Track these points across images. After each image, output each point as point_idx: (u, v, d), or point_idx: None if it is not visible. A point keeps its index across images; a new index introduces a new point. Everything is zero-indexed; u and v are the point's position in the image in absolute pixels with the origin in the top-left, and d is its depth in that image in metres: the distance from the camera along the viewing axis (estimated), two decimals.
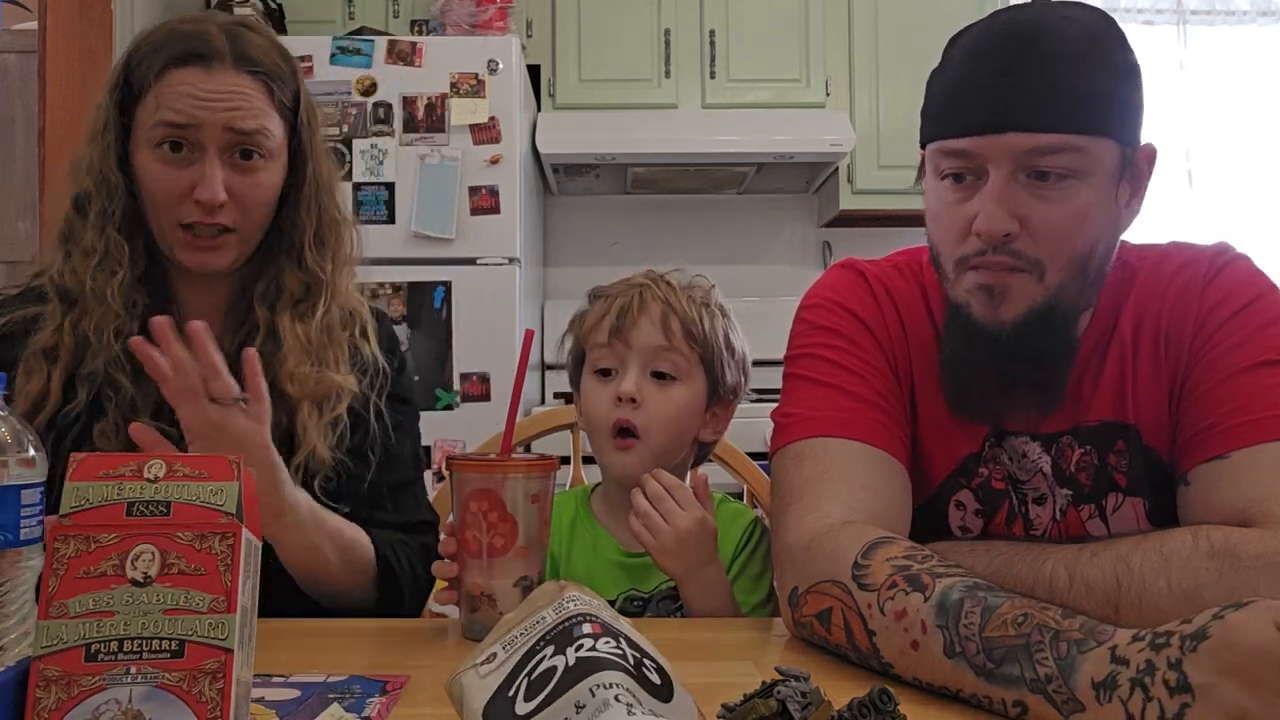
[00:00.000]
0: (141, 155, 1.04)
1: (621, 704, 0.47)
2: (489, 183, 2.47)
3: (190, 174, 1.03)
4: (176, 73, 1.02)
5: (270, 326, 1.09)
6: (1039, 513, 0.97)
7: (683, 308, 1.10)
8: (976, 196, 0.87)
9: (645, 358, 1.08)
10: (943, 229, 0.91)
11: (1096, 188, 0.86)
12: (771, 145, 2.91)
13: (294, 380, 1.06)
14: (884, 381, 0.97)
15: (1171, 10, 3.39)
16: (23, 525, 0.62)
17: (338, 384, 1.08)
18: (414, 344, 2.42)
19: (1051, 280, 0.87)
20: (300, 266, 1.11)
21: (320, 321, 1.10)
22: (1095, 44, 0.85)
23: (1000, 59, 0.85)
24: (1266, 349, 0.88)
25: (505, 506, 0.88)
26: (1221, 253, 0.96)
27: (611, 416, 1.08)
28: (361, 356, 1.13)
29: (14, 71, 2.91)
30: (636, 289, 1.11)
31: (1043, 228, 0.85)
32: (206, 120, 1.02)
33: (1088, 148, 0.84)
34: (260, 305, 1.10)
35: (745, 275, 3.34)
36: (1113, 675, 0.59)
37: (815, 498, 0.89)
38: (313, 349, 1.08)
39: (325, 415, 1.07)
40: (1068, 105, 0.83)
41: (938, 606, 0.71)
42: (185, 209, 1.04)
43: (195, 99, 1.02)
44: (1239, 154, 3.38)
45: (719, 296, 1.16)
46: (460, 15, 2.79)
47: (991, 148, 0.85)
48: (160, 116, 1.02)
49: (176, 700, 0.53)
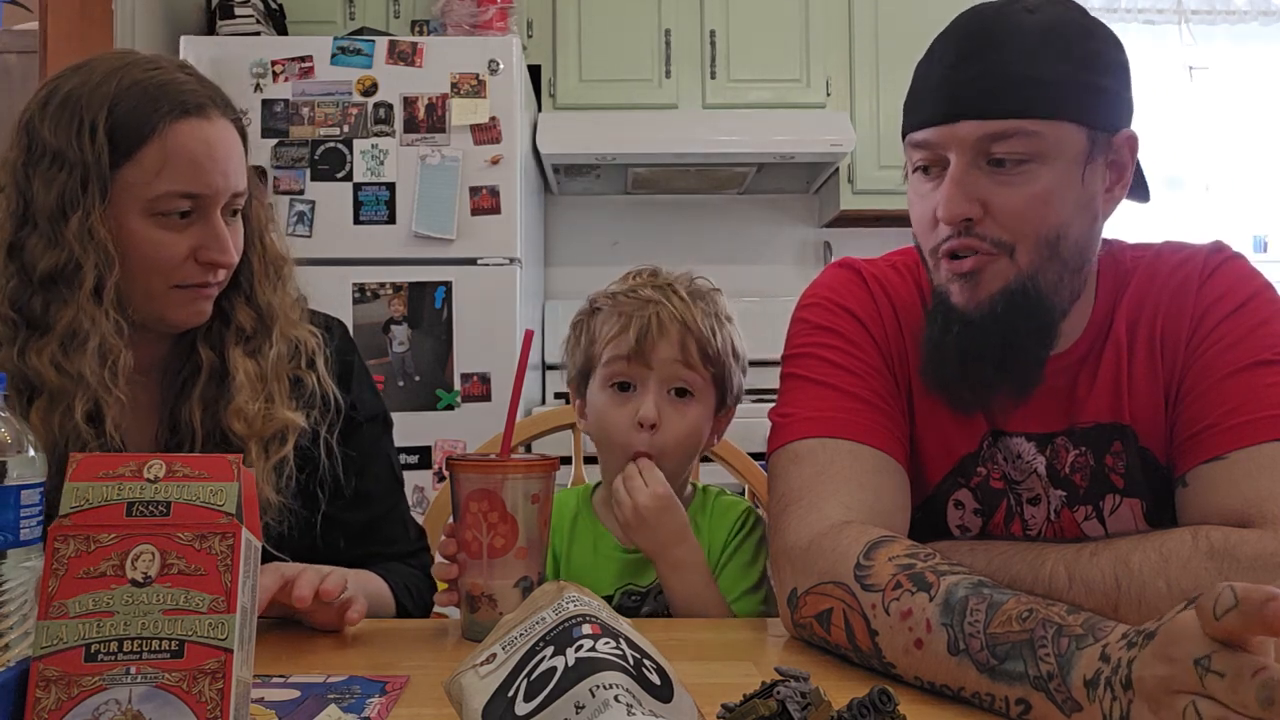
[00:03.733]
0: (132, 221, 0.94)
1: (621, 704, 0.47)
2: (489, 183, 2.47)
3: (189, 236, 0.97)
4: (179, 127, 0.94)
5: (214, 368, 1.03)
6: (1034, 513, 0.97)
7: (699, 327, 1.09)
8: (939, 186, 0.89)
9: (664, 378, 1.09)
10: (916, 219, 0.94)
11: (1060, 170, 0.87)
12: (772, 145, 2.91)
13: (243, 419, 1.00)
14: (882, 381, 0.97)
15: (1172, 10, 3.39)
16: (23, 525, 0.62)
17: (287, 421, 1.02)
18: (414, 344, 2.42)
19: (1023, 260, 0.88)
20: (250, 302, 1.06)
21: (270, 358, 1.04)
22: (1054, 34, 0.86)
23: (955, 51, 0.88)
24: (1262, 348, 0.88)
25: (505, 507, 0.88)
26: (1216, 252, 0.96)
27: (630, 441, 1.09)
28: (307, 389, 1.07)
29: (15, 72, 2.92)
30: (652, 307, 1.09)
31: (1004, 211, 0.87)
32: (217, 188, 0.96)
33: (1042, 131, 0.85)
34: (203, 345, 1.03)
35: (745, 275, 3.34)
36: (1098, 674, 0.59)
37: (814, 499, 0.89)
38: (262, 387, 1.03)
39: (272, 456, 1.01)
40: (1019, 91, 0.85)
41: (943, 605, 0.71)
42: (185, 271, 0.97)
43: (209, 159, 0.96)
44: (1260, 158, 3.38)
45: (724, 302, 1.17)
46: (461, 15, 2.79)
47: (948, 137, 0.87)
48: (173, 186, 0.94)
49: (176, 700, 0.53)
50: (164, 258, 0.96)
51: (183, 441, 1.01)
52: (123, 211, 0.95)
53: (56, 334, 0.93)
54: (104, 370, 0.93)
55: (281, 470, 1.02)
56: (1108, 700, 0.57)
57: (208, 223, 0.97)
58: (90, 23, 2.56)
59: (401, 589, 1.09)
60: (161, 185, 0.94)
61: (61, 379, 0.92)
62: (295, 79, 2.45)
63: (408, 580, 1.11)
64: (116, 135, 0.93)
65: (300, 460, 1.05)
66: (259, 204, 1.08)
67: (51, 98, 0.96)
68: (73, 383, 0.92)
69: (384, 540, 1.16)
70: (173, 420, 1.03)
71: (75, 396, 0.92)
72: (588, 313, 1.16)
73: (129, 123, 0.93)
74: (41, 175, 0.94)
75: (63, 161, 0.93)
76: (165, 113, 0.94)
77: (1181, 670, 0.52)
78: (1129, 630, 0.59)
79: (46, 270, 0.93)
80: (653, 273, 1.17)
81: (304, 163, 2.44)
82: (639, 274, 1.17)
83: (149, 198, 0.94)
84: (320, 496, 1.07)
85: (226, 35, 2.73)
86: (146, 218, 0.95)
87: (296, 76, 2.45)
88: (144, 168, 0.94)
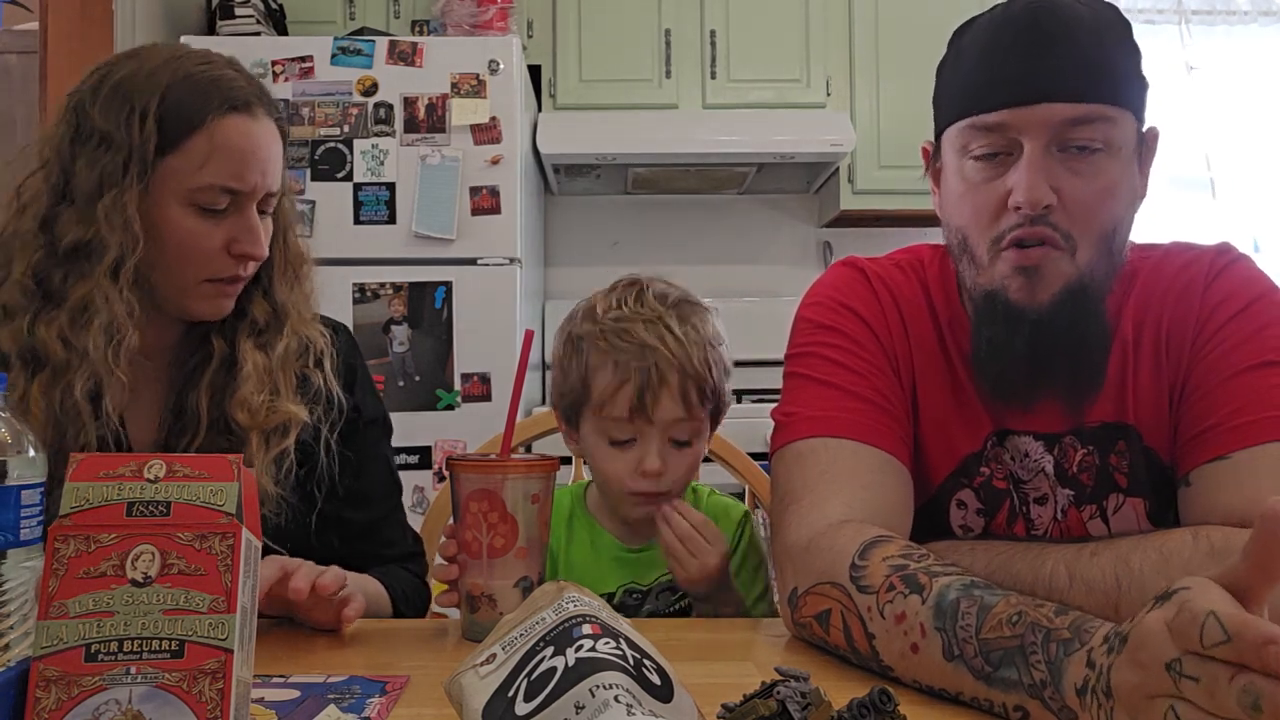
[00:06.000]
0: (173, 209, 0.97)
1: (621, 704, 0.47)
2: (490, 183, 2.46)
3: (224, 228, 0.99)
4: (227, 121, 0.97)
5: (225, 357, 1.04)
6: (1040, 512, 0.97)
7: (697, 370, 1.06)
8: (1011, 171, 0.88)
9: (666, 430, 1.07)
10: (973, 209, 0.91)
11: (1122, 162, 0.88)
12: (772, 145, 2.91)
13: (247, 410, 1.01)
14: (885, 381, 0.97)
15: (1172, 10, 3.39)
16: (23, 525, 0.62)
17: (290, 414, 1.03)
18: (414, 344, 2.42)
19: (1082, 258, 0.88)
20: (267, 297, 1.07)
21: (280, 352, 1.06)
22: (1109, 24, 0.88)
23: (1029, 35, 0.87)
24: (1267, 350, 0.88)
25: (506, 507, 0.88)
26: (1223, 253, 0.96)
27: (632, 485, 1.08)
28: (313, 387, 1.08)
29: (15, 72, 2.92)
30: (649, 355, 1.04)
31: (1075, 201, 0.87)
32: (256, 184, 0.99)
33: (1117, 119, 0.87)
34: (216, 336, 1.05)
35: (745, 275, 3.34)
36: (1086, 681, 0.58)
37: (816, 498, 0.89)
38: (269, 380, 1.04)
39: (273, 449, 1.02)
40: (1098, 76, 0.86)
41: (935, 608, 0.70)
42: (218, 264, 1.00)
43: (252, 154, 0.98)
44: (1258, 159, 3.37)
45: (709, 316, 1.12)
46: (461, 15, 2.79)
47: (1027, 119, 0.86)
48: (216, 179, 0.96)
49: (176, 700, 0.53)
50: (199, 247, 0.98)
51: (186, 428, 1.02)
52: (163, 199, 0.96)
53: (67, 307, 0.94)
54: (107, 348, 0.94)
55: (281, 463, 1.03)
56: (1095, 708, 0.56)
57: (243, 216, 1.00)
58: (90, 23, 2.56)
59: (399, 594, 1.09)
60: (205, 177, 0.96)
61: (66, 353, 0.93)
62: (295, 79, 2.45)
63: (405, 586, 1.12)
64: (166, 123, 0.95)
65: (300, 456, 1.05)
66: (287, 203, 1.10)
67: (104, 82, 0.97)
68: (76, 358, 0.93)
69: (382, 542, 1.16)
70: (178, 407, 1.04)
71: (77, 372, 0.93)
72: (574, 346, 1.09)
73: (179, 113, 0.95)
74: (87, 155, 0.95)
75: (109, 143, 0.95)
76: (215, 106, 0.96)
77: (1153, 675, 0.51)
78: (1110, 633, 0.58)
79: (71, 243, 0.94)
80: (638, 295, 1.10)
81: (304, 163, 2.44)
82: (624, 295, 1.10)
83: (191, 188, 0.96)
84: (317, 494, 1.07)
85: (226, 35, 2.73)
86: (186, 207, 0.97)
87: (297, 77, 2.45)
88: (189, 158, 0.96)
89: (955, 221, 0.94)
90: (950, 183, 0.94)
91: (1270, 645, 0.45)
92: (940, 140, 0.96)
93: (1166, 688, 0.50)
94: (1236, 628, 0.47)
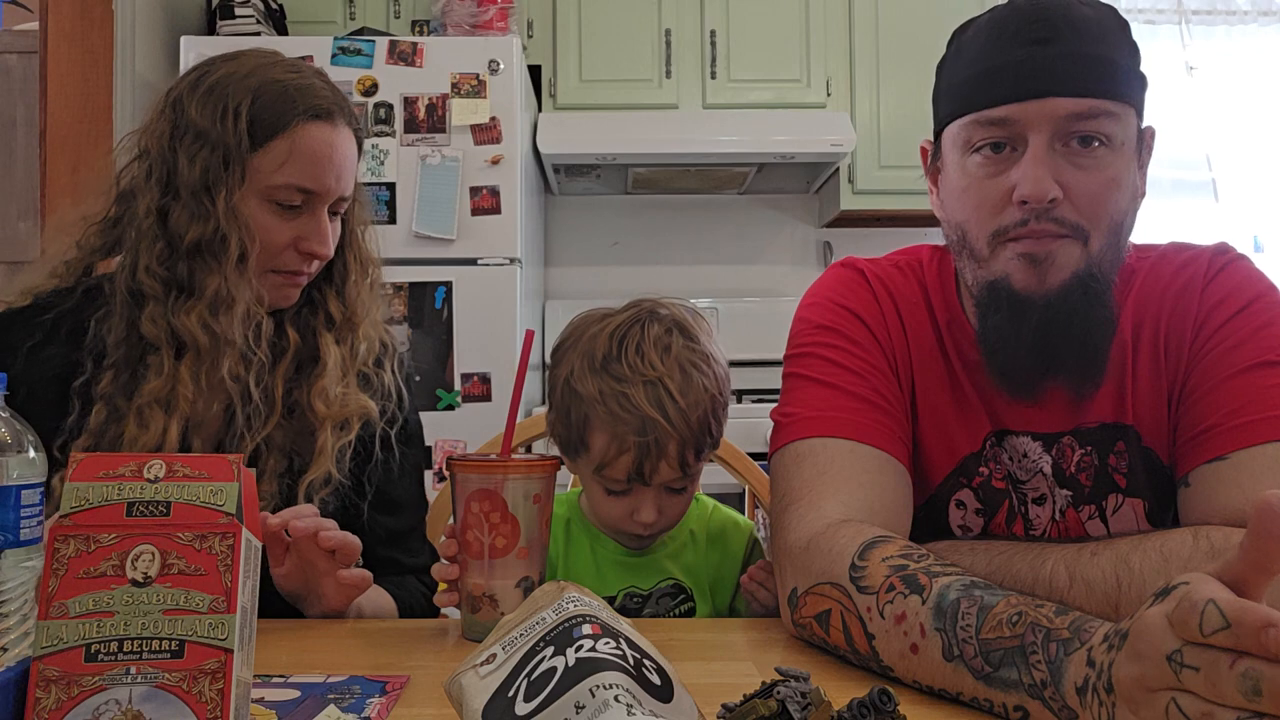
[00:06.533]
0: (252, 203, 1.04)
1: (621, 704, 0.47)
2: (490, 183, 2.47)
3: (295, 225, 1.06)
4: (309, 128, 1.04)
5: (300, 349, 1.12)
6: (1038, 513, 0.97)
7: (697, 436, 1.03)
8: (1015, 166, 0.88)
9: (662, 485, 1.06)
10: (976, 203, 0.91)
11: (1124, 157, 0.88)
12: (772, 145, 2.91)
13: (324, 400, 1.08)
14: (884, 381, 0.97)
15: (1172, 10, 3.39)
16: (23, 525, 0.62)
17: (362, 406, 1.11)
18: (415, 344, 2.42)
19: (1094, 246, 0.88)
20: (340, 296, 1.15)
21: (353, 347, 1.14)
22: (1111, 21, 0.89)
23: (1032, 29, 0.87)
24: (1265, 350, 0.88)
25: (506, 507, 0.88)
26: (1221, 253, 0.96)
27: (627, 527, 1.09)
28: (379, 384, 1.15)
29: (15, 72, 2.92)
30: (651, 430, 1.00)
31: (1082, 194, 0.87)
32: (329, 188, 1.06)
33: (1120, 114, 0.87)
34: (291, 328, 1.12)
35: (745, 275, 3.34)
36: (1087, 680, 0.57)
37: (815, 498, 0.89)
38: (344, 374, 1.12)
39: (341, 439, 1.09)
40: (1101, 71, 0.86)
41: (935, 608, 0.70)
42: (285, 257, 1.07)
43: (328, 160, 1.05)
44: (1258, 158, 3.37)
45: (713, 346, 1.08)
46: (461, 16, 2.79)
47: (1033, 113, 0.86)
48: (293, 179, 1.04)
49: (176, 700, 0.53)
50: (270, 241, 1.05)
51: (258, 412, 1.07)
52: (247, 194, 1.04)
53: (206, 298, 1.03)
54: (249, 332, 1.05)
55: (344, 452, 1.09)
56: (1095, 706, 0.56)
57: (313, 216, 1.07)
58: (90, 23, 2.56)
59: (407, 606, 1.11)
60: (283, 176, 1.04)
61: (210, 338, 1.03)
62: None
63: (414, 598, 1.13)
64: (254, 125, 1.03)
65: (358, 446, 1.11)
66: (360, 207, 1.17)
67: (201, 81, 1.05)
68: (222, 342, 1.03)
69: (407, 550, 1.18)
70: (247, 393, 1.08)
71: (223, 355, 1.04)
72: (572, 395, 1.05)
73: (266, 116, 1.03)
74: (185, 149, 1.03)
75: (205, 140, 1.03)
76: (300, 112, 1.04)
77: (1154, 667, 0.51)
78: (1109, 631, 0.58)
79: (194, 240, 1.02)
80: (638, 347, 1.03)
81: None
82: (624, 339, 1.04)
83: (269, 185, 1.04)
84: (366, 486, 1.13)
85: (227, 35, 2.73)
86: (263, 202, 1.05)
87: None
88: (271, 157, 1.04)
89: (956, 217, 0.94)
90: (951, 179, 0.94)
91: (1270, 628, 0.45)
92: (940, 138, 0.96)
93: (1168, 680, 0.50)
94: (1235, 613, 0.47)
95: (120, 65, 2.56)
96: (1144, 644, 0.52)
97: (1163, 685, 0.50)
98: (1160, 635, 0.51)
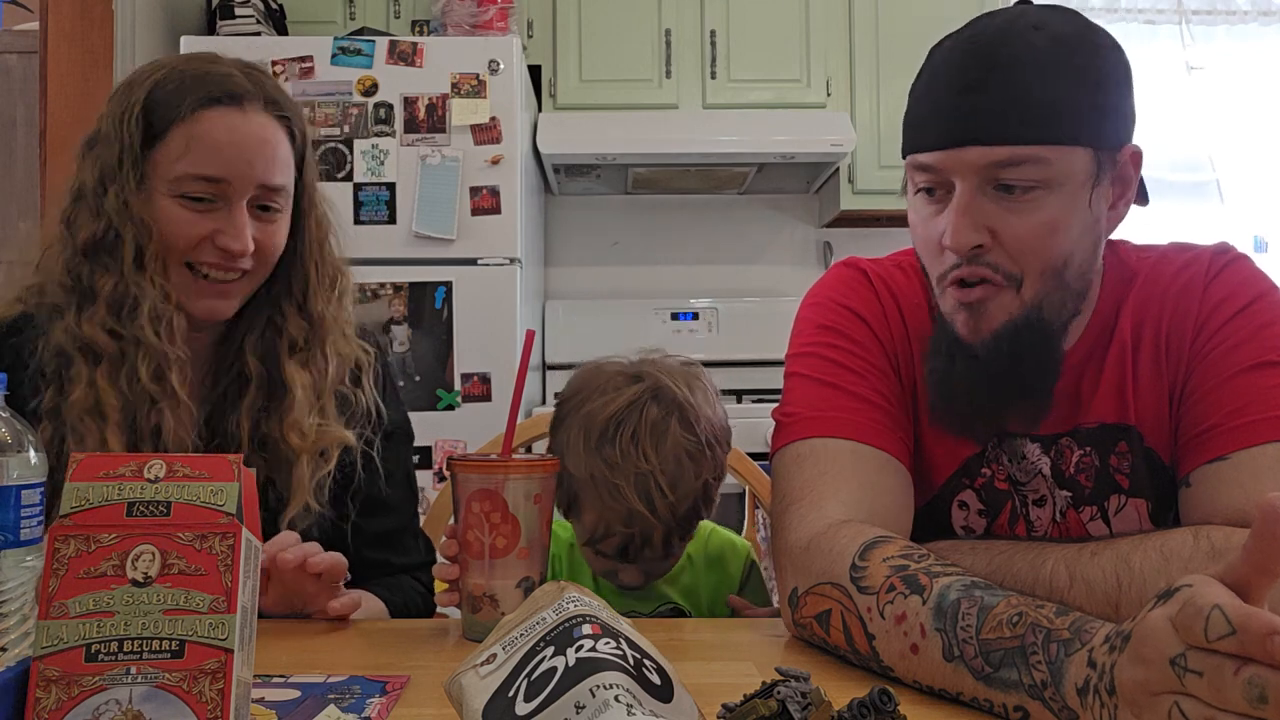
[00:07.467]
0: (159, 199, 0.99)
1: (621, 704, 0.47)
2: (490, 183, 2.46)
3: (212, 220, 1.00)
4: (208, 114, 0.99)
5: (264, 378, 1.05)
6: (1039, 514, 0.97)
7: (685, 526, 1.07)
8: (945, 211, 0.88)
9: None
10: (921, 244, 0.93)
11: (1067, 196, 0.86)
12: (772, 145, 2.91)
13: (298, 432, 1.03)
14: (886, 381, 0.97)
15: (1172, 10, 3.39)
16: (23, 525, 0.62)
17: (338, 437, 1.06)
18: (414, 344, 2.42)
19: (1029, 293, 0.87)
20: (302, 312, 1.08)
21: (322, 369, 1.07)
22: (1063, 52, 0.85)
23: (962, 72, 0.86)
24: (1267, 350, 0.88)
25: (507, 507, 0.88)
26: (1222, 253, 0.96)
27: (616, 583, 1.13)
28: (355, 405, 1.10)
29: (15, 72, 2.92)
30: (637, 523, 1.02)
31: (1012, 239, 0.86)
32: (241, 175, 1.00)
33: (1051, 158, 0.84)
34: (252, 355, 1.06)
35: (745, 275, 3.34)
36: (1088, 681, 0.57)
37: (816, 498, 0.89)
38: (318, 401, 1.06)
39: (319, 471, 1.04)
40: (1029, 117, 0.83)
41: (935, 608, 0.70)
42: (200, 251, 1.01)
43: (232, 146, 0.99)
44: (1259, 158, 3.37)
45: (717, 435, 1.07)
46: (461, 16, 2.79)
47: (954, 162, 0.86)
48: (192, 168, 0.99)
49: (176, 700, 0.53)
50: (180, 235, 1.00)
51: (224, 449, 1.03)
52: (153, 190, 1.00)
53: (103, 300, 0.98)
54: (160, 330, 0.99)
55: (324, 482, 1.05)
56: (1097, 707, 0.56)
57: (230, 210, 1.00)
58: (90, 23, 2.56)
59: (399, 608, 1.10)
60: (183, 166, 0.99)
61: (118, 344, 0.98)
62: (296, 79, 2.45)
63: (407, 598, 1.12)
64: (151, 118, 0.99)
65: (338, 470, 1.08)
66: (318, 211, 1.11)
67: (117, 86, 1.03)
68: (131, 346, 0.98)
69: (398, 550, 1.17)
70: (210, 428, 1.05)
71: (137, 358, 0.98)
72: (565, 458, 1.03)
73: (160, 108, 0.99)
74: (92, 155, 1.01)
75: (106, 142, 1.00)
76: (195, 99, 0.99)
77: (1158, 671, 0.50)
78: (1111, 632, 0.58)
79: (87, 240, 0.99)
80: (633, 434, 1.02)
81: None
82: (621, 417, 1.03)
83: (172, 178, 0.99)
84: (350, 506, 1.09)
85: (227, 35, 2.73)
86: (171, 198, 1.00)
87: (297, 77, 2.45)
88: (171, 149, 0.99)
89: (916, 248, 0.95)
90: (909, 211, 0.95)
91: (1276, 635, 0.45)
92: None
93: (1171, 684, 0.50)
94: (1241, 620, 0.47)
95: (120, 65, 2.56)
96: (1147, 647, 0.52)
97: (1166, 689, 0.50)
98: (1164, 639, 0.51)
